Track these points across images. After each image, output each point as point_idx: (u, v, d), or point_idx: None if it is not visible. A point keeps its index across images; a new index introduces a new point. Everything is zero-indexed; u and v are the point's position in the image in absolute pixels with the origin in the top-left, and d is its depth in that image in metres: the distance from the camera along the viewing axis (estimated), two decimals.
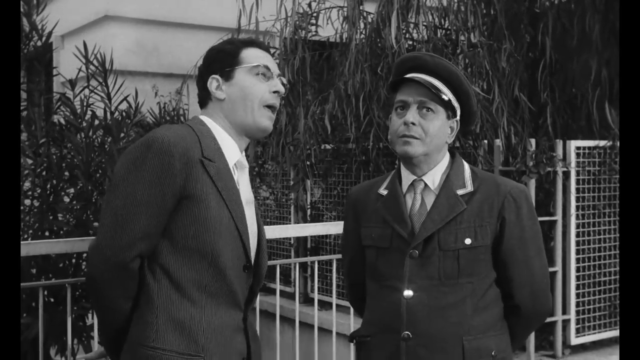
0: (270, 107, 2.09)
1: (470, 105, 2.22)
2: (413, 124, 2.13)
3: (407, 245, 2.14)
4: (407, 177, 2.22)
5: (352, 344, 2.35)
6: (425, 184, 2.19)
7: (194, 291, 1.94)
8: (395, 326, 2.13)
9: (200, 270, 1.94)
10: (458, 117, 2.22)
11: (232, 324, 2.00)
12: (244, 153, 2.15)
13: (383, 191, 2.26)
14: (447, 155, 2.24)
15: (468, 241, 2.11)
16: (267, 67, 2.09)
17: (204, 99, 2.13)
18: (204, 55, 2.17)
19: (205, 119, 2.10)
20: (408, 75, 2.18)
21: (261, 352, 2.18)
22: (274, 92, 2.09)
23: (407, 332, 2.11)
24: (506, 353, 2.19)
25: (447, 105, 2.16)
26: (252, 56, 2.09)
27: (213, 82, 2.08)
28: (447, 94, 2.16)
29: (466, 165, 2.24)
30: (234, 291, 1.99)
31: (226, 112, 2.08)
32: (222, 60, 2.09)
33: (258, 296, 2.21)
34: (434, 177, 2.19)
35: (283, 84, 2.15)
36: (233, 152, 2.08)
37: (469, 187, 2.17)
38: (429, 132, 2.14)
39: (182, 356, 1.91)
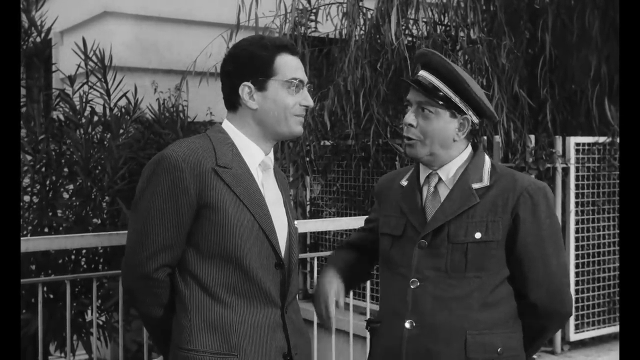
0: (299, 115, 2.15)
1: (474, 100, 2.19)
2: (411, 125, 2.16)
3: (417, 235, 2.16)
4: (423, 170, 2.25)
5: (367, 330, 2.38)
6: (440, 178, 2.20)
7: (223, 294, 2.01)
8: (400, 313, 2.14)
9: (227, 273, 2.01)
10: (470, 114, 2.19)
11: (269, 321, 2.04)
12: (271, 153, 2.19)
13: (404, 182, 2.29)
14: (468, 149, 2.23)
15: (478, 235, 2.11)
16: (300, 81, 2.12)
17: (234, 103, 2.13)
18: (231, 52, 2.15)
19: (226, 126, 2.15)
20: (416, 76, 2.20)
21: (310, 347, 2.23)
22: (303, 105, 2.14)
23: (410, 320, 2.12)
24: (516, 352, 2.16)
25: (449, 105, 2.15)
26: (286, 67, 2.10)
27: (245, 89, 2.09)
28: (448, 93, 2.15)
29: (487, 160, 2.22)
30: (265, 289, 2.04)
31: (257, 121, 2.11)
32: (255, 67, 2.09)
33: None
34: (448, 171, 2.20)
35: (308, 89, 2.18)
36: (256, 155, 2.12)
37: (486, 182, 2.16)
38: (427, 134, 2.15)
39: (217, 356, 1.98)
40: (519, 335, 2.19)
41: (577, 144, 4.86)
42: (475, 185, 2.15)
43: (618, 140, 4.92)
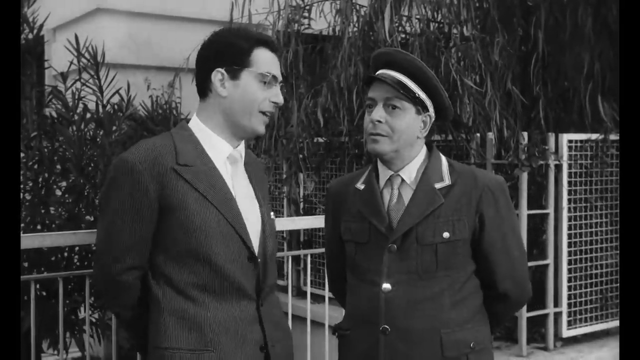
0: (265, 113, 2.12)
1: (440, 99, 2.20)
2: (379, 121, 2.15)
3: (385, 240, 2.15)
4: (384, 172, 2.23)
5: (335, 337, 2.37)
6: (402, 179, 2.20)
7: (195, 292, 2.01)
8: (373, 320, 2.14)
9: (197, 272, 2.01)
10: (431, 112, 2.20)
11: (244, 315, 2.05)
12: (242, 145, 2.17)
13: (360, 185, 2.27)
14: (424, 150, 2.24)
15: (446, 235, 2.13)
16: (274, 77, 2.10)
17: (205, 89, 2.13)
18: (210, 39, 2.14)
19: (192, 122, 2.14)
20: (377, 73, 2.18)
21: (290, 340, 2.24)
22: (273, 102, 2.12)
23: (385, 326, 2.12)
24: (485, 344, 2.21)
25: (416, 101, 2.16)
26: (262, 60, 2.10)
27: (217, 76, 2.08)
28: (415, 90, 2.15)
29: (443, 159, 2.24)
30: (238, 284, 2.04)
31: (224, 109, 2.10)
32: (232, 55, 2.08)
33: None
34: (410, 172, 2.20)
35: (281, 89, 2.17)
36: (222, 148, 2.11)
37: (447, 181, 2.18)
38: (395, 129, 2.15)
39: (193, 352, 1.99)
40: (487, 327, 2.25)
41: (570, 141, 4.88)
42: (438, 185, 2.17)
43: (611, 137, 4.94)
